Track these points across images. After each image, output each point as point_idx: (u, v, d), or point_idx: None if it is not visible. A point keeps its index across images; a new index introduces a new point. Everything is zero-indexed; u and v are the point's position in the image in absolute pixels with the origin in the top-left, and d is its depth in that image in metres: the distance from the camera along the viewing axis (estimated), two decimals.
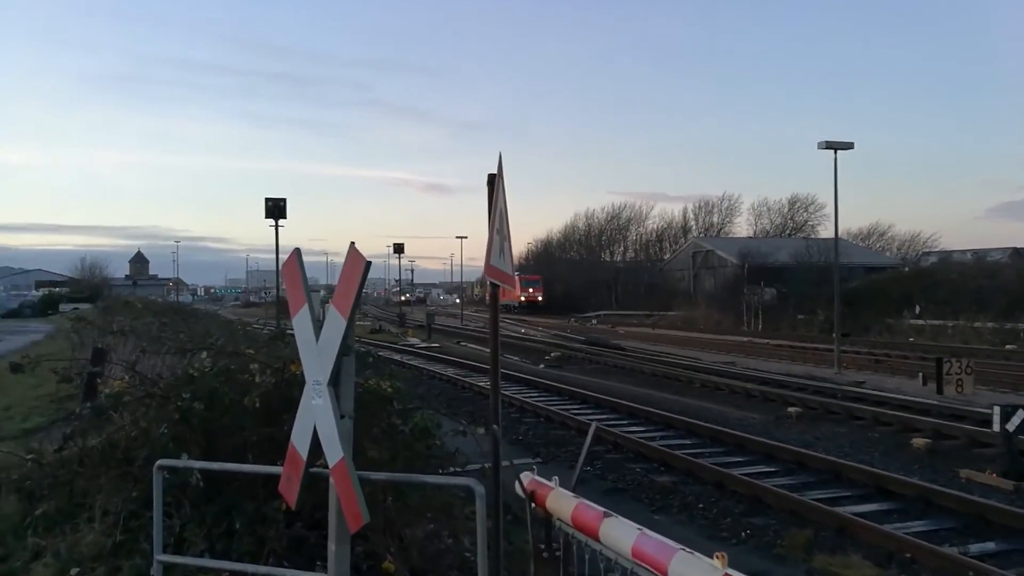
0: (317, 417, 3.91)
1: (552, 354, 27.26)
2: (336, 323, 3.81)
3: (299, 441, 4.07)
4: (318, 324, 4.06)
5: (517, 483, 3.74)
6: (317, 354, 3.93)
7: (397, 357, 25.87)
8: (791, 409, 14.46)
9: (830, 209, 78.23)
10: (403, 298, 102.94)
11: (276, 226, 28.37)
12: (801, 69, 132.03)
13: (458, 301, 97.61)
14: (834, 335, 38.59)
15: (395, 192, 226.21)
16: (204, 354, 5.83)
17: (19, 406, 8.38)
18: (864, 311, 43.19)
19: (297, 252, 4.19)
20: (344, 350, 3.83)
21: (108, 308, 19.53)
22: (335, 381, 3.88)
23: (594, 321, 56.34)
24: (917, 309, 41.13)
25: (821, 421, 13.85)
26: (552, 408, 14.90)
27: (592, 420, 13.51)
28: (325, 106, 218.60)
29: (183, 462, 4.70)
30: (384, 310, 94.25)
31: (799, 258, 51.72)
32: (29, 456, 5.80)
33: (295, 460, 4.10)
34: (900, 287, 45.80)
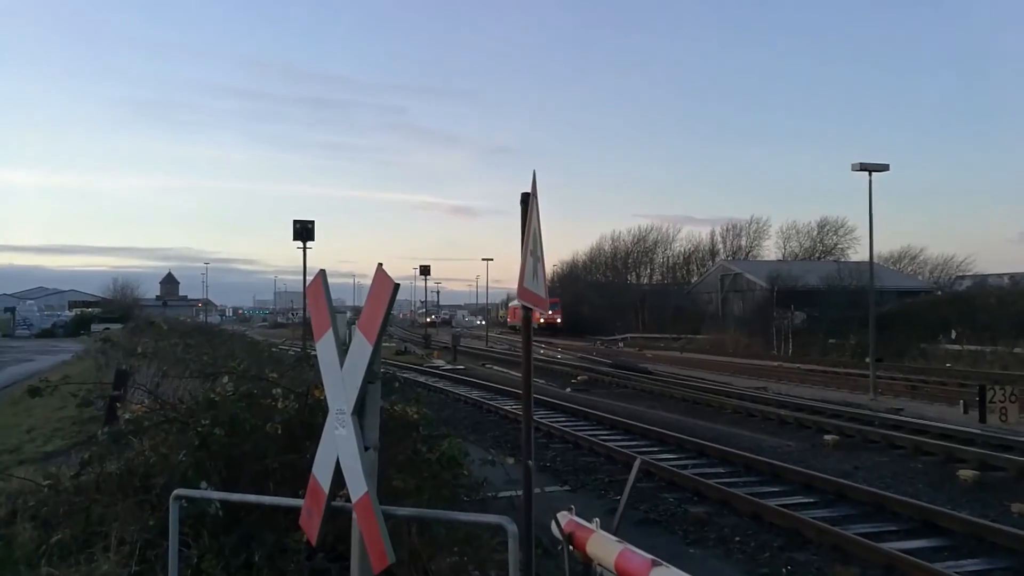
0: (340, 448, 3.69)
1: (579, 377, 26.90)
2: (362, 348, 3.60)
3: (321, 473, 3.85)
4: (343, 349, 3.85)
5: (553, 523, 3.48)
6: (341, 381, 3.72)
7: (422, 379, 25.67)
8: (827, 437, 13.98)
9: (860, 232, 76.40)
10: (429, 319, 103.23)
11: (304, 248, 28.48)
12: (830, 91, 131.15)
13: (482, 323, 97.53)
14: (868, 360, 37.96)
15: (421, 215, 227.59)
16: (226, 379, 5.63)
17: (42, 428, 8.30)
18: (898, 336, 42.24)
19: (322, 274, 4.00)
20: (370, 377, 3.62)
21: (135, 329, 19.59)
22: (360, 410, 3.66)
23: (621, 344, 55.81)
24: (953, 334, 40.13)
25: (859, 450, 13.36)
26: (580, 434, 14.57)
27: (622, 447, 13.20)
28: (352, 130, 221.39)
29: (201, 492, 4.50)
30: (410, 331, 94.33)
31: (830, 282, 50.88)
32: (46, 482, 5.64)
33: (316, 493, 3.87)
34: (935, 312, 44.79)
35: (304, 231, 28.80)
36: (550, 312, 74.00)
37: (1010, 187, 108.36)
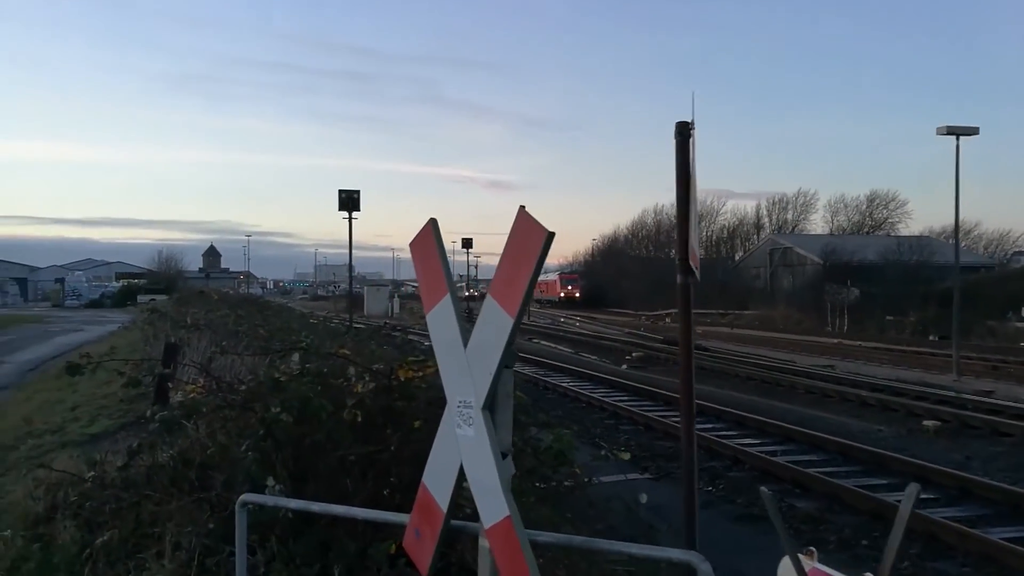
0: (465, 453, 2.78)
1: (633, 354, 25.87)
2: (496, 322, 2.67)
3: (436, 484, 2.95)
4: (463, 323, 2.94)
5: (782, 570, 2.51)
6: (466, 364, 2.80)
7: None
8: (928, 423, 12.80)
9: (912, 206, 73.50)
10: (469, 293, 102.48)
11: (350, 218, 27.85)
12: (878, 61, 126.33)
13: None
14: (932, 338, 36.22)
15: (458, 189, 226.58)
16: (296, 356, 4.77)
17: (86, 405, 7.65)
18: (963, 313, 40.27)
19: (432, 224, 3.06)
20: (507, 359, 2.70)
21: (182, 299, 19.03)
22: (491, 404, 2.75)
23: (668, 319, 54.49)
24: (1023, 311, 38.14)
25: (964, 437, 12.19)
26: (650, 415, 13.61)
27: (700, 431, 12.20)
28: (388, 103, 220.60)
29: (273, 499, 3.66)
30: None
31: (888, 256, 48.82)
32: (90, 474, 4.87)
33: (429, 509, 2.97)
34: (1002, 288, 42.65)
35: (350, 201, 28.13)
36: (569, 287, 77.00)
37: None
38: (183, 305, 14.44)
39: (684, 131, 3.40)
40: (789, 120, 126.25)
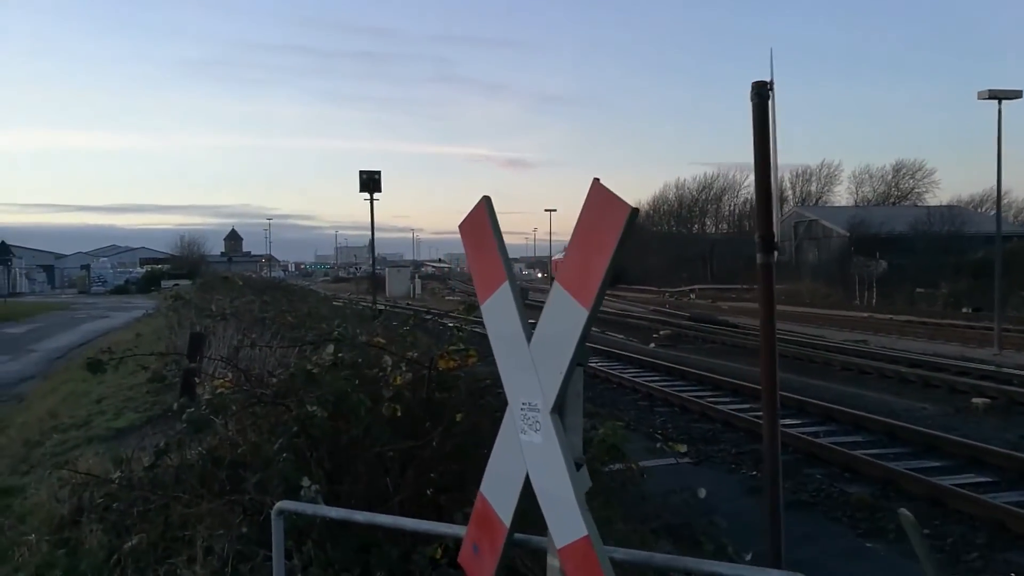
0: (531, 462, 2.45)
1: (661, 332, 25.47)
2: (567, 314, 2.33)
3: (497, 495, 2.63)
4: (524, 314, 2.60)
5: None
6: (530, 361, 2.46)
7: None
8: (977, 400, 12.34)
9: (939, 175, 72.05)
10: None
11: (371, 199, 27.52)
12: (899, 26, 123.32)
13: (541, 276, 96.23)
14: (965, 310, 35.39)
15: (475, 167, 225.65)
16: (331, 347, 4.47)
17: (112, 397, 7.44)
18: (994, 283, 39.31)
19: (486, 202, 2.72)
20: (579, 356, 2.36)
21: (206, 285, 18.86)
22: (560, 406, 2.42)
23: (692, 295, 53.92)
24: None
25: (1015, 415, 11.72)
26: (685, 396, 13.26)
27: (737, 412, 11.86)
28: (404, 83, 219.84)
29: (310, 506, 3.37)
30: (469, 285, 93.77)
31: (918, 227, 47.78)
32: (117, 474, 4.62)
33: (489, 522, 2.66)
34: None
35: (371, 182, 27.76)
36: None
37: None
38: (207, 291, 14.24)
39: (762, 91, 3.02)
40: (811, 89, 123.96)
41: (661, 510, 4.88)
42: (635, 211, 2.15)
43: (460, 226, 2.83)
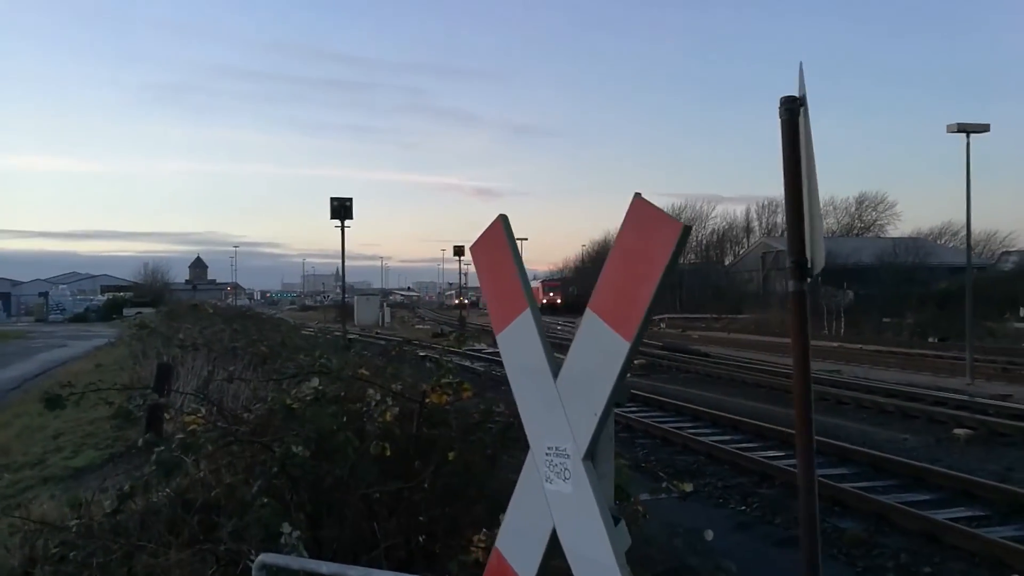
0: (559, 515, 2.17)
1: (635, 361, 25.28)
2: (604, 346, 2.07)
3: (516, 552, 2.33)
4: (548, 345, 2.34)
5: None
6: (557, 400, 2.19)
7: (467, 363, 24.23)
8: (959, 431, 12.26)
9: (901, 207, 73.63)
10: (459, 301, 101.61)
11: (342, 226, 27.13)
12: (861, 60, 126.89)
13: None
14: (932, 340, 35.86)
15: (444, 196, 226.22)
16: (317, 380, 4.13)
17: (71, 433, 6.95)
18: (959, 314, 39.97)
19: (503, 221, 2.47)
20: (617, 395, 2.10)
21: (172, 313, 18.23)
22: (593, 452, 2.15)
23: (662, 325, 54.04)
24: (1022, 311, 37.91)
25: (996, 446, 11.65)
26: (665, 426, 13.04)
27: (719, 443, 11.65)
28: (373, 112, 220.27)
29: (296, 560, 3.03)
30: (439, 313, 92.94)
31: (884, 258, 48.57)
32: (75, 520, 4.20)
33: None
34: (998, 288, 42.41)
35: (342, 209, 27.40)
36: (551, 294, 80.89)
37: None
38: (174, 320, 13.72)
39: (792, 107, 2.79)
40: (775, 123, 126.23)
41: (665, 554, 4.60)
42: (687, 229, 1.90)
43: (472, 248, 2.57)
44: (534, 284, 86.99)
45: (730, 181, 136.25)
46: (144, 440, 5.63)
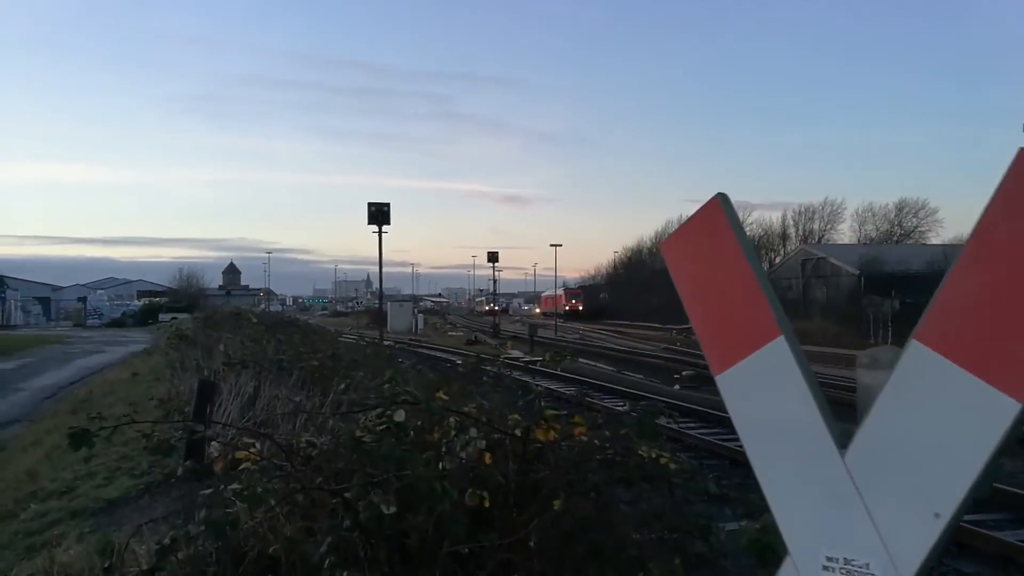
0: None
1: (683, 372, 24.31)
2: (962, 405, 1.25)
3: None
4: (823, 396, 1.54)
5: None
6: (850, 486, 1.39)
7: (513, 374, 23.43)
8: None
9: (943, 214, 71.85)
10: (491, 307, 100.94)
11: (380, 231, 26.62)
12: (900, 66, 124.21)
13: (539, 311, 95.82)
14: None
15: (473, 204, 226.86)
16: (402, 413, 3.37)
17: (104, 455, 6.32)
18: None
19: (722, 201, 1.66)
20: (980, 486, 1.27)
21: (211, 320, 17.67)
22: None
23: (683, 335, 52.83)
24: None
25: None
26: (730, 446, 12.11)
27: None
28: (402, 120, 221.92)
29: None
30: (469, 319, 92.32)
31: (935, 266, 46.85)
32: (103, 571, 3.49)
33: None
34: None
35: (380, 214, 26.92)
36: (573, 301, 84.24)
37: None
38: (212, 328, 13.14)
39: None
40: (813, 127, 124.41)
41: None
42: None
43: (668, 243, 1.78)
44: (558, 292, 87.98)
45: (761, 188, 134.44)
46: (184, 468, 4.92)
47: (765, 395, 1.54)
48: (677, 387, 21.56)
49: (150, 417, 8.47)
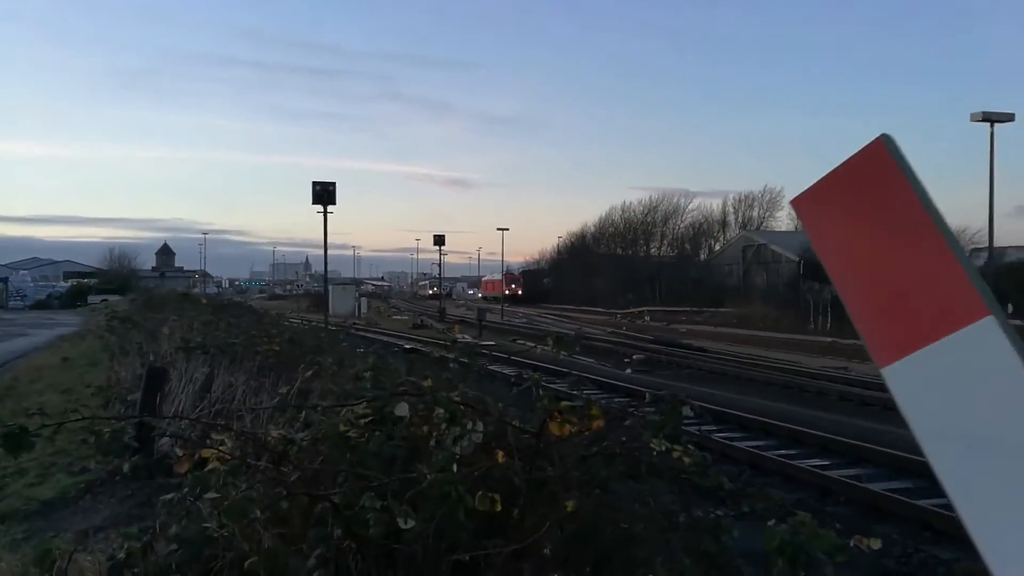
0: None
1: (634, 356, 24.32)
2: None
3: None
4: None
5: None
6: None
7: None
8: None
9: None
10: (433, 292, 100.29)
11: (324, 212, 25.88)
12: (837, 54, 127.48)
13: (482, 295, 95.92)
14: None
15: (417, 186, 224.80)
16: (404, 407, 2.95)
17: (36, 447, 5.71)
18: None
19: (887, 142, 1.28)
20: None
21: (151, 302, 16.67)
22: None
23: (647, 318, 53.36)
24: (1010, 308, 37.61)
25: None
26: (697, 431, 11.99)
27: (757, 450, 10.65)
28: (347, 100, 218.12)
29: None
30: (413, 303, 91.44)
31: None
32: None
33: None
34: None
35: (325, 194, 26.16)
36: (512, 286, 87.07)
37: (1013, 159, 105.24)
38: (153, 310, 12.31)
39: None
40: (753, 116, 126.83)
41: None
42: None
43: (800, 200, 1.41)
44: (497, 277, 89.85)
45: (700, 176, 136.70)
46: (131, 464, 4.41)
47: (966, 391, 1.19)
48: (628, 371, 21.51)
49: (89, 406, 7.80)
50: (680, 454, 3.64)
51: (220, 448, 3.08)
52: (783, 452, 10.66)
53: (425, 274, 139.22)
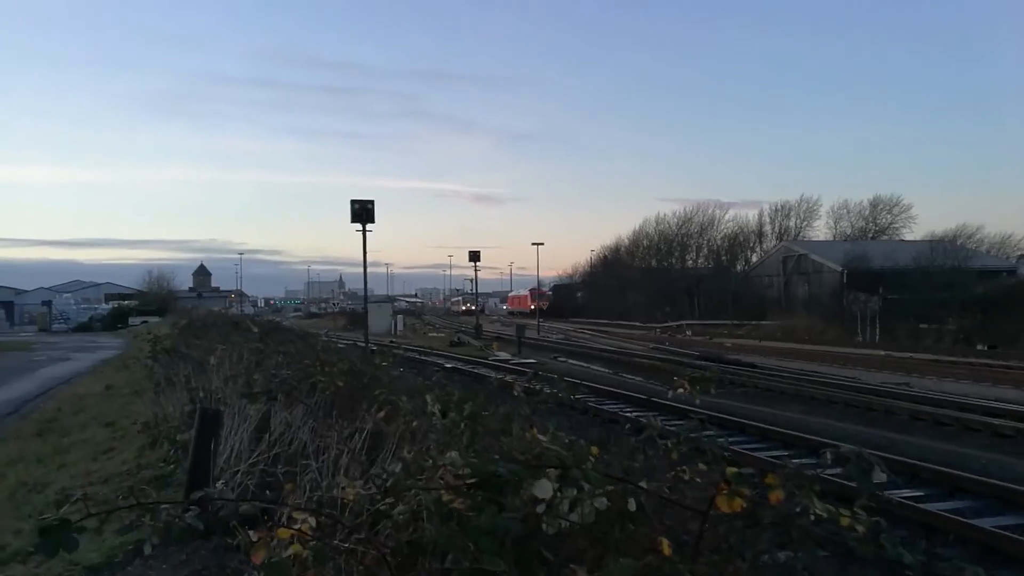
0: None
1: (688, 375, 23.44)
2: None
3: None
4: None
5: None
6: None
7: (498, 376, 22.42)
8: None
9: (916, 210, 72.39)
10: (466, 307, 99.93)
11: (364, 230, 25.48)
12: (870, 68, 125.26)
13: (508, 311, 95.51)
14: (980, 347, 33.96)
15: (444, 203, 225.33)
16: (548, 487, 2.35)
17: (83, 487, 5.17)
18: (1004, 320, 38.15)
19: None
20: None
21: (193, 327, 16.27)
22: None
23: (688, 332, 52.25)
24: None
25: None
26: (759, 456, 11.21)
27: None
28: (373, 118, 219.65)
29: None
30: (447, 320, 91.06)
31: (921, 262, 46.65)
32: None
33: None
34: None
35: (364, 212, 25.76)
36: (539, 301, 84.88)
37: None
38: (197, 336, 11.84)
39: None
40: (788, 126, 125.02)
41: None
42: None
43: None
44: (523, 292, 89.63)
45: (731, 186, 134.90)
46: (185, 523, 3.85)
47: None
48: (670, 393, 20.66)
49: (134, 445, 7.33)
50: (849, 521, 2.99)
51: (303, 526, 2.52)
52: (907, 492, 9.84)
53: (458, 290, 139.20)
